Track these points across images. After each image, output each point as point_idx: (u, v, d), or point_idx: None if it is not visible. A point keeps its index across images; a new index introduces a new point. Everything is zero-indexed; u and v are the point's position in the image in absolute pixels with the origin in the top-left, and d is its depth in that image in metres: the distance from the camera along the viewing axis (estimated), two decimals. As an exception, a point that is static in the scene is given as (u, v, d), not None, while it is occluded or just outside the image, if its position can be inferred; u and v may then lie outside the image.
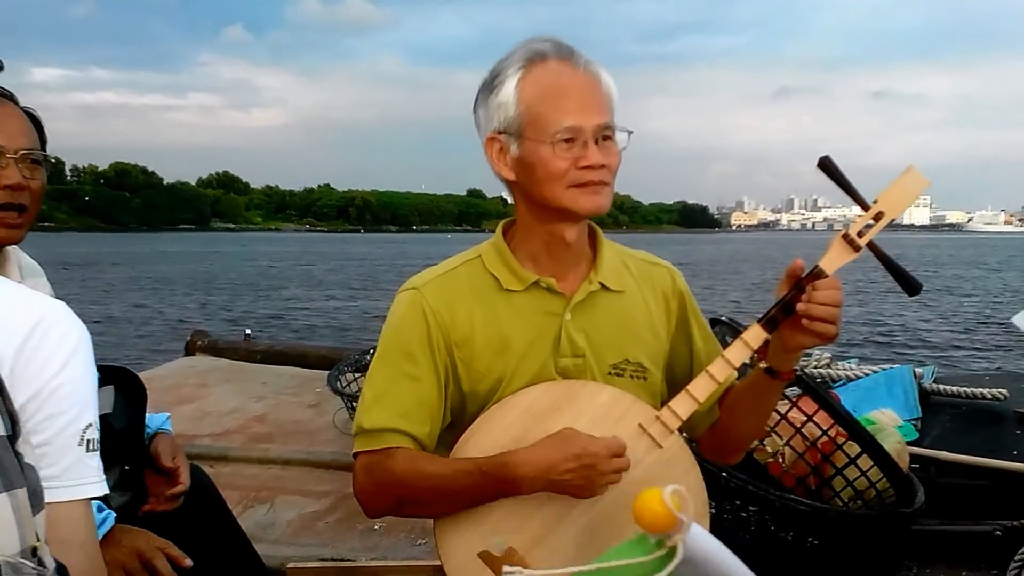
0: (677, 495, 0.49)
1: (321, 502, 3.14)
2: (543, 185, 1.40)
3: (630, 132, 1.44)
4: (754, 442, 2.31)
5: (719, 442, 1.62)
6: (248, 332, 5.87)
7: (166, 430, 1.83)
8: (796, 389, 2.34)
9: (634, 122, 1.43)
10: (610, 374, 1.49)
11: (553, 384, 1.45)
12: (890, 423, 2.65)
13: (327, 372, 4.15)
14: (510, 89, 1.40)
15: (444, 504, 1.41)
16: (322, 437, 3.80)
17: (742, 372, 1.58)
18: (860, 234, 1.40)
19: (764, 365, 1.48)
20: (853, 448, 2.24)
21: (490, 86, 1.43)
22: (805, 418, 2.27)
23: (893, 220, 1.41)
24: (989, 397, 3.11)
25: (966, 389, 3.16)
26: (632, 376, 1.51)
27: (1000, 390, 3.11)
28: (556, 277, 1.48)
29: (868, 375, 3.30)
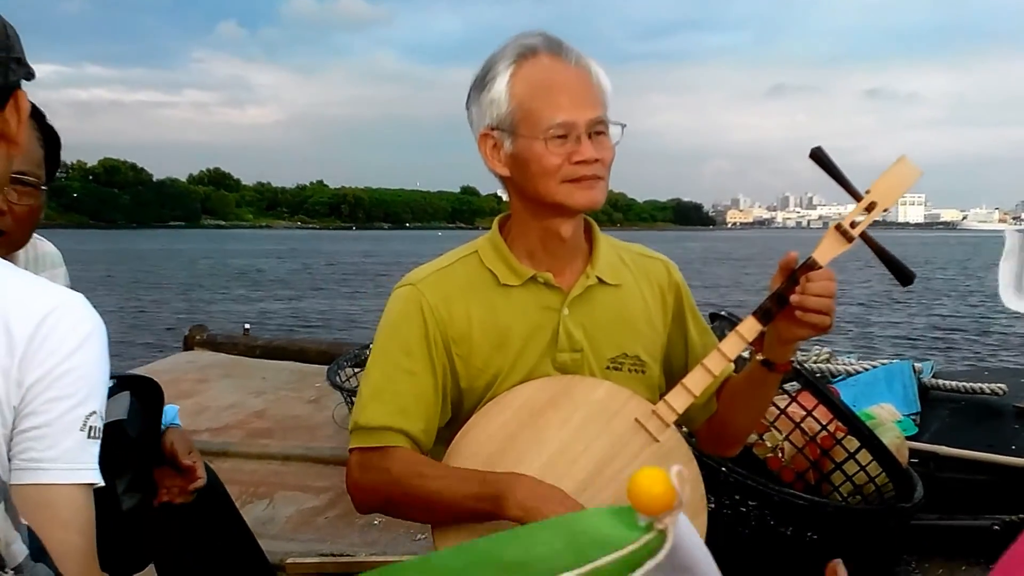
0: (680, 476, 0.49)
1: (320, 497, 3.14)
2: (537, 181, 1.40)
3: (623, 126, 1.43)
4: (753, 437, 2.32)
5: (717, 435, 1.62)
6: (247, 327, 5.84)
7: (177, 424, 1.82)
8: (795, 384, 2.34)
9: (629, 120, 1.43)
10: (608, 368, 1.49)
11: (549, 380, 1.44)
12: (889, 418, 2.64)
13: (327, 367, 4.13)
14: (502, 86, 1.40)
15: (434, 510, 1.38)
16: (321, 432, 3.79)
17: (740, 365, 1.58)
18: (853, 225, 1.40)
19: (761, 357, 1.47)
20: (852, 443, 2.24)
21: (482, 83, 1.43)
22: (804, 413, 2.27)
23: (886, 210, 1.40)
24: (988, 392, 3.10)
25: (965, 384, 3.15)
26: (630, 370, 1.50)
27: (999, 385, 3.11)
28: (553, 272, 1.48)
29: (867, 370, 3.30)
